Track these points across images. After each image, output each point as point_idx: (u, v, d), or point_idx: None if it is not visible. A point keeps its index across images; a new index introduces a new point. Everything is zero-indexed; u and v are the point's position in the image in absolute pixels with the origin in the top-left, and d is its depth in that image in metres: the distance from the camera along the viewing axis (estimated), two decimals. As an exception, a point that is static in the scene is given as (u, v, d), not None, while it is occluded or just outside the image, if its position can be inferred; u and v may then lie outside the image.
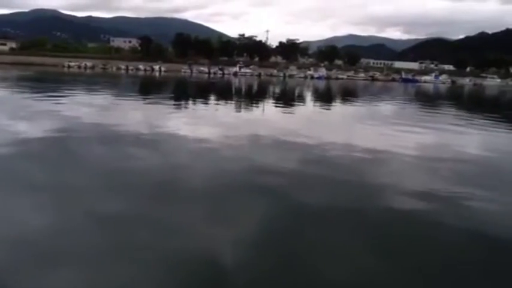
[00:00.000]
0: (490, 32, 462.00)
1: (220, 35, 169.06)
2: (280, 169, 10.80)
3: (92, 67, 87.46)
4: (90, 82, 48.94)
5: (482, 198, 9.19)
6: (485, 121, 25.21)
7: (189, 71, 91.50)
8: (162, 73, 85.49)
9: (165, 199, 8.22)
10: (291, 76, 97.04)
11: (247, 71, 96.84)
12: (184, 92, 43.80)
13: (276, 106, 31.33)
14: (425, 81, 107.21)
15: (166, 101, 30.40)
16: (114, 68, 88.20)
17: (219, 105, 29.39)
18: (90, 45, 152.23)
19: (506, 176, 11.65)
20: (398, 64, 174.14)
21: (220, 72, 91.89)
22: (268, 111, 27.45)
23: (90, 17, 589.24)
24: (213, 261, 5.74)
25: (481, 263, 6.26)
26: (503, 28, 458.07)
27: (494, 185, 10.36)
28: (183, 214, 7.51)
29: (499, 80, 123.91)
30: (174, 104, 28.73)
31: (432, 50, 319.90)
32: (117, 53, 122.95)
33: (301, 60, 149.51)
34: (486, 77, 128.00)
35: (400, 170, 11.55)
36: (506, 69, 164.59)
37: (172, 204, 7.95)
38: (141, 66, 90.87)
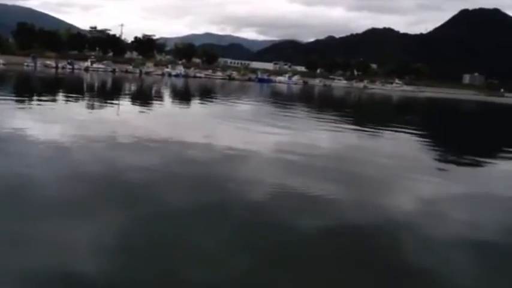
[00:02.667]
0: (337, 36, 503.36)
1: (70, 27, 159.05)
2: (135, 170, 10.51)
3: None
4: None
5: (325, 189, 9.96)
6: (333, 118, 27.42)
7: (32, 64, 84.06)
8: (1, 66, 77.62)
9: None
10: (147, 73, 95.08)
11: (100, 66, 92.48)
12: (27, 88, 40.29)
13: (133, 104, 30.43)
14: (279, 82, 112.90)
15: (4, 98, 27.64)
16: None
17: (68, 103, 27.55)
18: None
19: (349, 167, 12.76)
20: (254, 64, 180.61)
21: (69, 67, 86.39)
22: (124, 109, 26.49)
23: None
24: None
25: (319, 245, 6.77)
26: (348, 33, 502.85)
27: (337, 177, 11.30)
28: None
29: (345, 82, 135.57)
30: (16, 101, 26.28)
31: (286, 51, 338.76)
32: None
33: (158, 57, 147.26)
34: (334, 79, 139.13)
35: (257, 167, 11.97)
36: (351, 72, 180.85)
37: None
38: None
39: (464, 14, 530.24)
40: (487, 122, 46.67)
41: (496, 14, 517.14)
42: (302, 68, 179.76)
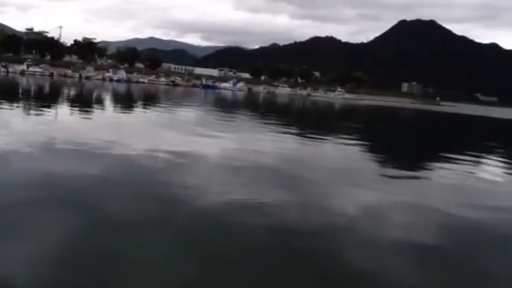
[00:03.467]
0: (281, 44, 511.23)
1: (3, 28, 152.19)
2: (71, 178, 10.29)
3: None
4: None
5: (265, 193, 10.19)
6: (277, 125, 27.86)
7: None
8: None
9: None
10: (88, 78, 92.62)
11: (37, 70, 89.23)
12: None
13: (72, 110, 29.58)
14: (224, 88, 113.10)
15: None
16: None
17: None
18: None
19: (291, 175, 13.05)
20: (199, 70, 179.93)
21: (3, 70, 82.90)
22: (61, 115, 25.70)
23: None
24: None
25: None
26: (292, 41, 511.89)
27: (280, 185, 11.55)
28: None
29: (289, 89, 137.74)
30: None
31: (230, 57, 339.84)
32: None
33: (99, 61, 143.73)
34: (278, 86, 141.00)
35: (200, 174, 12.02)
36: (295, 79, 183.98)
37: None
38: None
39: (402, 24, 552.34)
40: (422, 129, 48.81)
41: (432, 25, 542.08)
42: (247, 75, 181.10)
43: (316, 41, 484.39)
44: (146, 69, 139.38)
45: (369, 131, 35.24)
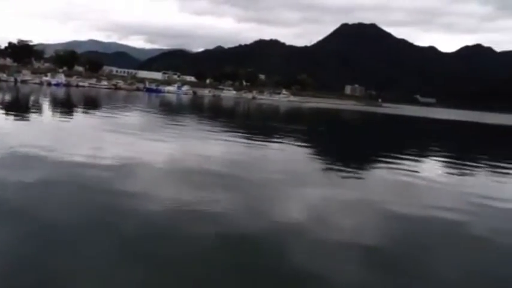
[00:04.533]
0: (226, 46, 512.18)
1: None
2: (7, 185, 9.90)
3: None
4: None
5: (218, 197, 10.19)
6: (223, 129, 27.91)
7: None
8: None
9: None
10: (24, 82, 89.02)
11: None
12: None
13: (6, 115, 28.34)
14: (168, 92, 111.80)
15: None
16: None
17: None
18: None
19: (238, 178, 13.12)
20: (142, 73, 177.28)
21: None
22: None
23: None
24: None
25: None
26: (237, 44, 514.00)
27: (227, 188, 11.59)
28: None
29: (234, 92, 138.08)
30: None
31: (175, 61, 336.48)
32: None
33: (36, 64, 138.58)
34: (223, 89, 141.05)
35: (146, 179, 11.84)
36: (240, 82, 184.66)
37: None
38: None
39: (344, 27, 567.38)
40: (365, 130, 50.28)
41: (373, 28, 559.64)
42: (191, 78, 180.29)
43: (260, 44, 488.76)
44: (86, 72, 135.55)
45: (314, 133, 35.90)
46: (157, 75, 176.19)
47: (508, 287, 7.00)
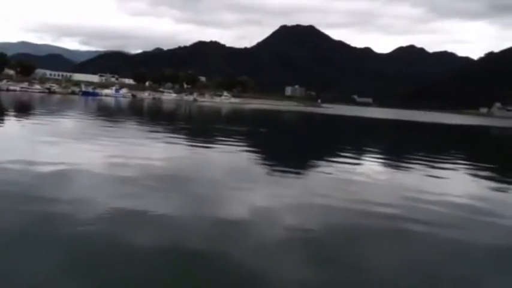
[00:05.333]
0: (165, 48, 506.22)
1: None
2: None
3: None
4: None
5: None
6: (164, 132, 27.66)
7: None
8: None
9: None
10: None
11: None
12: None
13: None
14: (106, 95, 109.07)
15: None
16: None
17: None
18: None
19: (182, 181, 13.11)
20: (77, 76, 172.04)
21: None
22: None
23: None
24: None
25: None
26: (176, 46, 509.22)
27: (171, 191, 11.58)
28: None
29: (175, 95, 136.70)
30: None
31: (112, 63, 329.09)
32: None
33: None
34: (163, 92, 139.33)
35: (85, 186, 11.60)
36: (181, 84, 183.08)
37: None
38: None
39: (283, 29, 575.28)
40: (305, 130, 51.33)
41: (311, 30, 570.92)
42: (130, 81, 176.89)
43: (200, 46, 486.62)
44: (17, 76, 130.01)
45: (256, 134, 36.24)
46: (94, 78, 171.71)
47: (438, 278, 7.44)
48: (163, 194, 11.47)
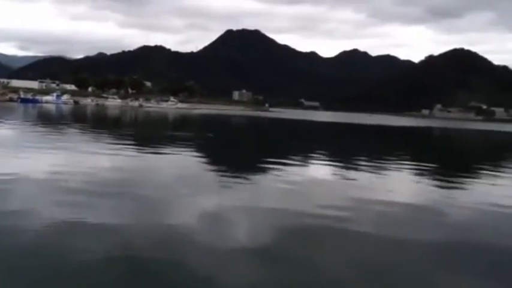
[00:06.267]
0: (108, 53, 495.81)
1: None
2: None
3: None
4: None
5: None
6: (110, 139, 27.09)
7: None
8: None
9: None
10: None
11: None
12: None
13: None
14: (47, 102, 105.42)
15: None
16: None
17: None
18: None
19: (130, 189, 12.92)
20: (15, 83, 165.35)
21: None
22: None
23: None
24: None
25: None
26: (120, 50, 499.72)
27: (119, 199, 11.41)
28: None
29: (119, 100, 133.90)
30: None
31: (53, 68, 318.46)
32: None
33: None
34: (107, 98, 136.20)
35: (25, 197, 11.23)
36: (126, 90, 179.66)
37: None
38: None
39: (229, 33, 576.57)
40: (254, 134, 51.64)
41: (257, 34, 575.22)
42: (72, 87, 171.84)
43: (145, 50, 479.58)
44: None
45: (203, 139, 36.13)
46: (34, 84, 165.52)
47: (383, 277, 7.72)
48: (110, 202, 11.30)
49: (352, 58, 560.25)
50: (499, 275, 7.94)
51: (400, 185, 17.20)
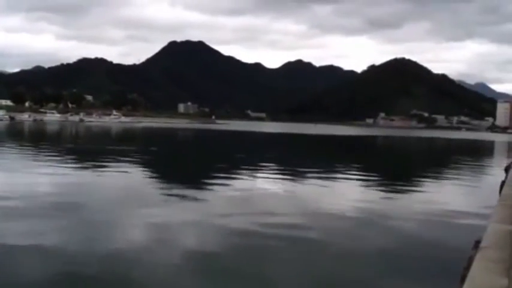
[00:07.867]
0: (46, 66, 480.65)
1: None
2: None
3: None
4: None
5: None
6: (51, 156, 26.33)
7: None
8: None
9: None
10: None
11: None
12: None
13: None
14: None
15: None
16: None
17: None
18: None
19: (73, 205, 12.70)
20: None
21: None
22: None
23: None
24: None
25: None
26: (58, 63, 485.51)
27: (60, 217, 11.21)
28: None
29: (58, 115, 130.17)
30: None
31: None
32: None
33: None
34: (46, 112, 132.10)
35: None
36: (65, 104, 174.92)
37: None
38: None
39: (173, 45, 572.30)
40: (199, 147, 51.47)
41: (201, 46, 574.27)
42: (7, 102, 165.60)
43: (85, 63, 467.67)
44: None
45: (147, 153, 35.72)
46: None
47: (330, 282, 8.04)
48: (52, 223, 11.06)
49: (297, 69, 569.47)
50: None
51: (348, 193, 17.77)
